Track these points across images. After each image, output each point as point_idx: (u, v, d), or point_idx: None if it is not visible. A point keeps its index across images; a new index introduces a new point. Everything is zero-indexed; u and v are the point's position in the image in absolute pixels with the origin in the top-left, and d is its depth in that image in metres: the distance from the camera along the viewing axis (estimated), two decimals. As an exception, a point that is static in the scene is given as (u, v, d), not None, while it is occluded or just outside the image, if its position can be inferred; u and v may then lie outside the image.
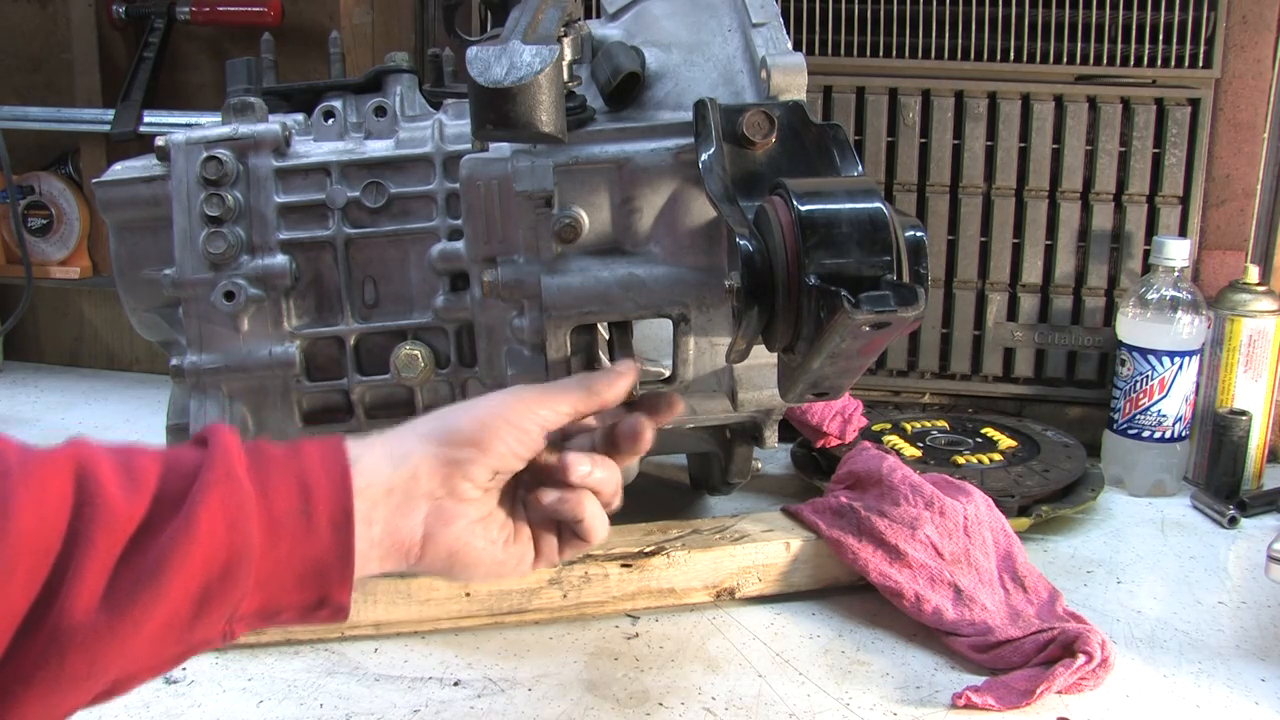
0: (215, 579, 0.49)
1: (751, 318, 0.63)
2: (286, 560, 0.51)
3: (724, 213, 0.67)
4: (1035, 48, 1.16)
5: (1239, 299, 1.10)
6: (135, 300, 0.89)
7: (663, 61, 0.81)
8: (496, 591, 0.84)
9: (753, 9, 0.81)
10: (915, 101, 1.19)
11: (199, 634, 0.50)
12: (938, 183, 1.21)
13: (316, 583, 0.52)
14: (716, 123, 0.72)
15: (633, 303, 0.77)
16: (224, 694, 0.77)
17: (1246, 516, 1.06)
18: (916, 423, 1.19)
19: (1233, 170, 1.18)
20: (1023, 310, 1.22)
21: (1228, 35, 1.14)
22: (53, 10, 1.44)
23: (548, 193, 0.76)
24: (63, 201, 1.48)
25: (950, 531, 0.86)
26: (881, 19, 1.18)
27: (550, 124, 0.66)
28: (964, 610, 0.82)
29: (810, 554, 0.89)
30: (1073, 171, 1.18)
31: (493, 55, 0.65)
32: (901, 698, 0.76)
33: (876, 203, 0.60)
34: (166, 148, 0.85)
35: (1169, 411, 1.11)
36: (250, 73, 0.95)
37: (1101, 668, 0.75)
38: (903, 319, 0.55)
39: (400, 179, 0.86)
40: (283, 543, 0.51)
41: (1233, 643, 0.84)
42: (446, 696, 0.77)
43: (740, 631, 0.85)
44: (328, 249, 0.86)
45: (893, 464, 0.91)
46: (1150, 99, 1.16)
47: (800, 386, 0.64)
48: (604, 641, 0.84)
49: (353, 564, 0.53)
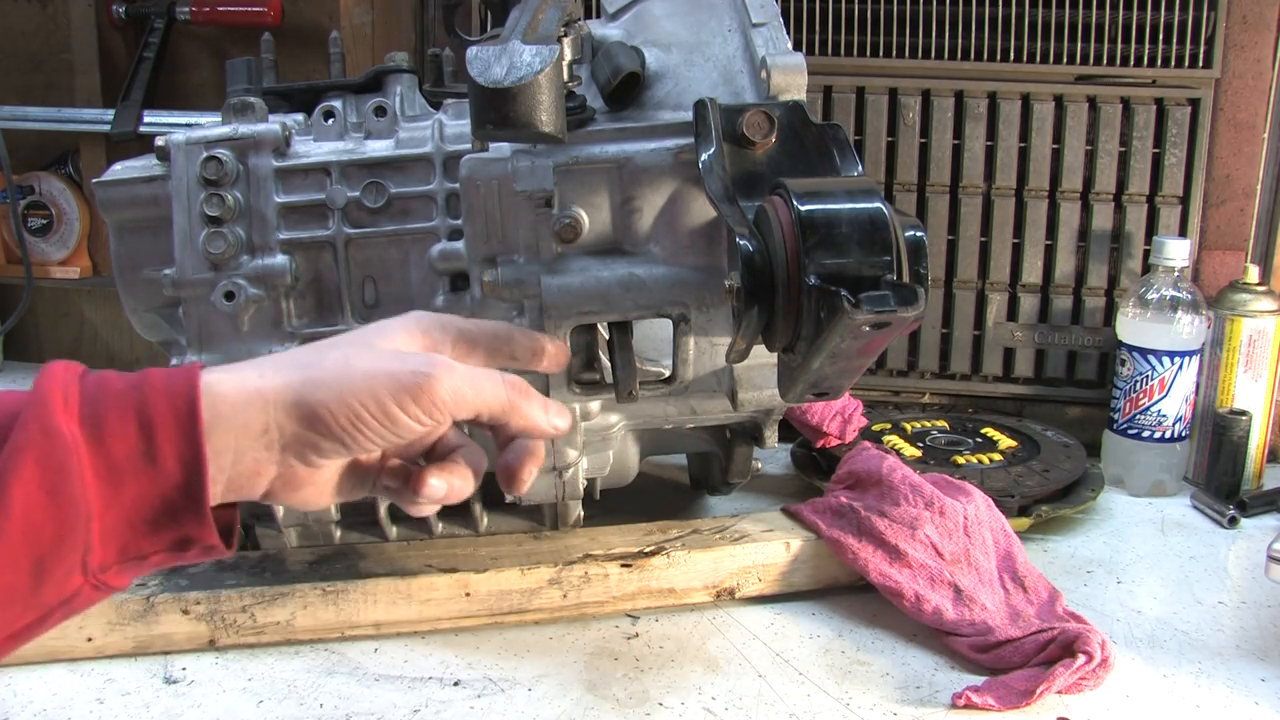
0: (47, 548, 0.46)
1: (751, 318, 0.63)
2: (134, 505, 0.48)
3: (724, 213, 0.67)
4: (1035, 48, 1.16)
5: (1239, 299, 1.10)
6: (135, 300, 0.89)
7: (663, 61, 0.81)
8: (496, 591, 0.84)
9: (753, 9, 0.81)
10: (915, 101, 1.19)
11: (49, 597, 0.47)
12: (938, 183, 1.21)
13: (172, 524, 0.49)
14: (716, 123, 0.72)
15: (633, 303, 0.77)
16: (224, 694, 0.77)
17: (1246, 516, 1.06)
18: (916, 423, 1.19)
19: (1233, 170, 1.18)
20: (1023, 310, 1.22)
21: (1228, 35, 1.14)
22: (53, 10, 1.44)
23: (548, 193, 0.76)
24: (63, 201, 1.48)
25: (950, 531, 0.86)
26: (881, 19, 1.18)
27: (550, 124, 0.66)
28: (964, 610, 0.82)
29: (810, 554, 0.89)
30: (1073, 171, 1.18)
31: (493, 55, 0.65)
32: (901, 698, 0.76)
33: (876, 203, 0.60)
34: (166, 148, 0.85)
35: (1169, 411, 1.11)
36: (250, 73, 0.95)
37: (1101, 668, 0.75)
38: (903, 319, 0.55)
39: (400, 179, 0.86)
40: (127, 489, 0.48)
41: (1233, 643, 0.84)
42: (446, 696, 0.77)
43: (740, 631, 0.85)
44: (328, 249, 0.86)
45: (893, 464, 0.91)
46: (1150, 99, 1.16)
47: (800, 386, 0.64)
48: (604, 641, 0.84)
49: (206, 502, 0.49)
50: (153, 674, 0.79)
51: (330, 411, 0.52)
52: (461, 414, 0.56)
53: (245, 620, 0.82)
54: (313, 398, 0.52)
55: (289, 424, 0.52)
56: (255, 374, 0.52)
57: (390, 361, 0.54)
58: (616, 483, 0.96)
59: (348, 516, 0.92)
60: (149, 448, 0.48)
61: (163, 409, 0.49)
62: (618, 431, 0.89)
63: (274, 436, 0.52)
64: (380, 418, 0.53)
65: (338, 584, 0.83)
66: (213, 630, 0.81)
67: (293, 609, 0.82)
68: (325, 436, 0.52)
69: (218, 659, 0.81)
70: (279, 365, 0.53)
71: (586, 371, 0.81)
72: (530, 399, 0.59)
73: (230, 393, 0.51)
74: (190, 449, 0.49)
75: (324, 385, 0.52)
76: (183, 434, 0.48)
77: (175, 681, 0.78)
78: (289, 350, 0.57)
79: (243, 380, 0.52)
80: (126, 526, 0.48)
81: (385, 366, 0.54)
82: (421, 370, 0.54)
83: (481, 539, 0.91)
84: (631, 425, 0.89)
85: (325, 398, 0.52)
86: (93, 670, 0.79)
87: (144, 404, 0.48)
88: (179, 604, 0.81)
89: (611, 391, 0.78)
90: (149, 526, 0.49)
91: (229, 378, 0.52)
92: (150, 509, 0.48)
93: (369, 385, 0.53)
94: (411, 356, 0.56)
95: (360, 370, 0.53)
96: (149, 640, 0.81)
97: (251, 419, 0.51)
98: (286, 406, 0.52)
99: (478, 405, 0.56)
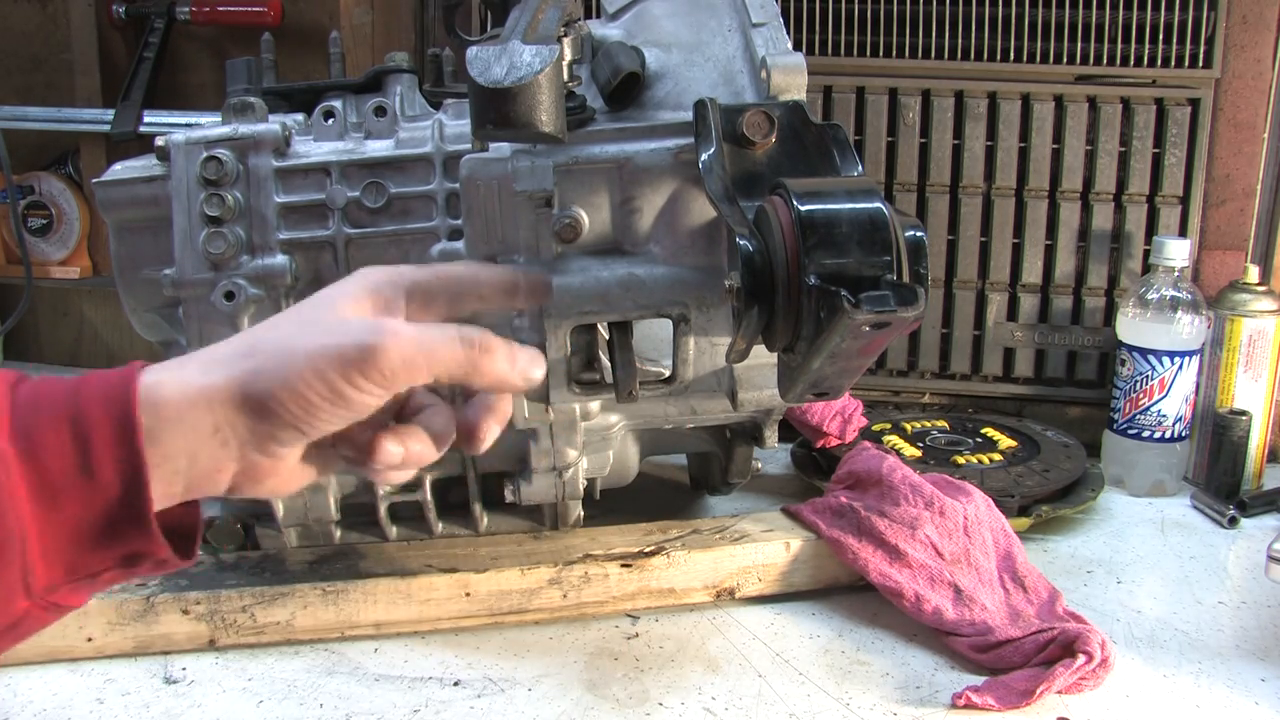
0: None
1: (751, 318, 0.63)
2: (75, 522, 0.45)
3: (724, 213, 0.67)
4: (1035, 48, 1.16)
5: (1239, 299, 1.10)
6: (135, 300, 0.89)
7: (663, 61, 0.81)
8: (496, 591, 0.84)
9: (753, 9, 0.81)
10: (915, 101, 1.19)
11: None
12: (938, 183, 1.21)
13: (117, 540, 0.46)
14: (716, 123, 0.72)
15: (633, 303, 0.77)
16: (224, 694, 0.77)
17: (1246, 516, 1.06)
18: (916, 423, 1.19)
19: (1233, 170, 1.18)
20: (1023, 310, 1.22)
21: (1228, 35, 1.14)
22: (53, 10, 1.44)
23: (548, 193, 0.76)
24: (63, 201, 1.48)
25: (950, 531, 0.86)
26: (881, 19, 1.18)
27: (550, 124, 0.66)
28: (964, 610, 0.82)
29: (810, 554, 0.89)
30: (1073, 171, 1.18)
31: (493, 55, 0.65)
32: (901, 698, 0.76)
33: (876, 203, 0.60)
34: (166, 148, 0.85)
35: (1169, 411, 1.11)
36: (250, 73, 0.95)
37: (1101, 668, 0.75)
38: (903, 319, 0.55)
39: (400, 179, 0.86)
40: (66, 505, 0.45)
41: (1233, 643, 0.84)
42: (446, 696, 0.77)
43: (740, 631, 0.85)
44: (328, 249, 0.86)
45: (893, 464, 0.91)
46: (1150, 99, 1.16)
47: (800, 386, 0.64)
48: (604, 641, 0.84)
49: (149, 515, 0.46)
50: (153, 674, 0.79)
51: (278, 401, 0.49)
52: (418, 379, 0.52)
53: (245, 620, 0.82)
54: (257, 388, 0.49)
55: (239, 420, 0.49)
56: (198, 370, 0.49)
57: (333, 335, 0.50)
58: (616, 483, 0.96)
59: (348, 516, 0.92)
60: (85, 460, 0.45)
61: (98, 417, 0.46)
62: (618, 431, 0.89)
63: (227, 434, 0.49)
64: (330, 397, 0.49)
65: (338, 584, 0.83)
66: (213, 630, 0.81)
67: (293, 609, 0.82)
68: (279, 426, 0.49)
69: (218, 659, 0.81)
70: (220, 357, 0.50)
71: (586, 371, 0.81)
72: (493, 353, 0.54)
73: (173, 395, 0.48)
74: (128, 459, 0.46)
75: (266, 374, 0.49)
76: (120, 443, 0.45)
77: (175, 681, 0.78)
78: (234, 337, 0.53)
79: (185, 379, 0.49)
80: (69, 544, 0.46)
81: (327, 341, 0.50)
82: (366, 341, 0.50)
83: (481, 539, 0.91)
84: (631, 425, 0.89)
85: (270, 386, 0.49)
86: (93, 670, 0.79)
87: (78, 413, 0.46)
88: (179, 604, 0.81)
89: (611, 391, 0.78)
90: (92, 543, 0.46)
91: (170, 377, 0.48)
92: (92, 525, 0.46)
93: (312, 365, 0.49)
94: (354, 324, 0.52)
95: (302, 350, 0.49)
96: (149, 640, 0.81)
97: (199, 420, 0.48)
98: (234, 403, 0.49)
99: (434, 368, 0.52)
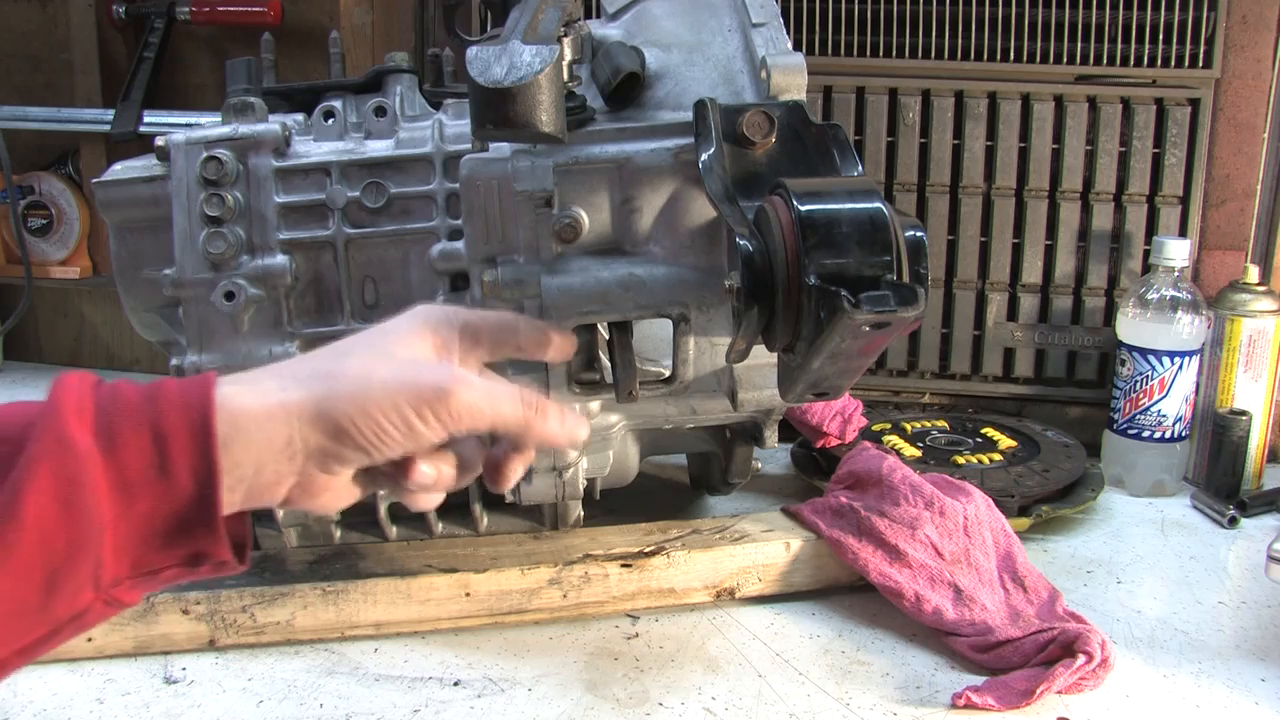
0: (60, 561, 0.46)
1: (751, 318, 0.63)
2: (146, 520, 0.48)
3: (724, 213, 0.67)
4: (1035, 48, 1.16)
5: (1239, 299, 1.10)
6: (135, 300, 0.89)
7: (663, 61, 0.81)
8: (496, 591, 0.84)
9: (753, 9, 0.81)
10: (915, 101, 1.19)
11: (60, 611, 0.47)
12: (938, 183, 1.21)
13: (184, 539, 0.49)
14: (716, 123, 0.72)
15: (633, 303, 0.77)
16: (224, 694, 0.77)
17: (1246, 516, 1.06)
18: (916, 423, 1.19)
19: (1233, 170, 1.18)
20: (1023, 310, 1.22)
21: (1228, 35, 1.14)
22: (53, 10, 1.44)
23: (548, 193, 0.76)
24: (63, 201, 1.48)
25: (950, 531, 0.86)
26: (881, 19, 1.18)
27: (550, 124, 0.66)
28: (964, 610, 0.82)
29: (810, 554, 0.89)
30: (1073, 171, 1.18)
31: (493, 55, 0.65)
32: (901, 698, 0.76)
33: (876, 203, 0.60)
34: (166, 148, 0.85)
35: (1169, 411, 1.11)
36: (250, 73, 0.95)
37: (1101, 668, 0.75)
38: (903, 319, 0.55)
39: (400, 179, 0.86)
40: (140, 503, 0.47)
41: (1233, 643, 0.84)
42: (446, 696, 0.77)
43: (740, 631, 0.85)
44: (328, 249, 0.86)
45: (893, 464, 0.91)
46: (1150, 99, 1.16)
47: (800, 386, 0.64)
48: (604, 641, 0.84)
49: (218, 518, 0.49)
50: (153, 674, 0.79)
51: (354, 423, 0.53)
52: (479, 426, 0.57)
53: (245, 620, 0.82)
54: (336, 410, 0.52)
55: (313, 436, 0.52)
56: (276, 386, 0.52)
57: (409, 371, 0.55)
58: (616, 483, 0.96)
59: (348, 516, 0.92)
60: (162, 460, 0.48)
61: (176, 421, 0.48)
62: (618, 431, 0.89)
63: (296, 449, 0.52)
64: (401, 428, 0.54)
65: (338, 584, 0.83)
66: (213, 630, 0.81)
67: (293, 609, 0.82)
68: (349, 447, 0.53)
69: (218, 659, 0.81)
70: (299, 376, 0.54)
71: (586, 371, 0.80)
72: (546, 415, 0.59)
73: (251, 406, 0.51)
74: (203, 463, 0.48)
75: (346, 397, 0.53)
76: (196, 447, 0.48)
77: (175, 681, 0.78)
78: (304, 358, 0.57)
79: (263, 393, 0.52)
80: (139, 541, 0.48)
81: (405, 376, 0.54)
82: (443, 385, 0.55)
83: (481, 539, 0.91)
84: (631, 425, 0.89)
85: (349, 410, 0.53)
86: (93, 670, 0.79)
87: (158, 416, 0.48)
88: (179, 604, 0.81)
89: (611, 391, 0.78)
90: (161, 541, 0.49)
91: (248, 390, 0.52)
92: (162, 523, 0.48)
93: (390, 397, 0.53)
94: (429, 366, 0.57)
95: (380, 381, 0.54)
96: (149, 640, 0.81)
97: (275, 433, 0.51)
98: (310, 419, 0.52)
99: (494, 420, 0.57)
